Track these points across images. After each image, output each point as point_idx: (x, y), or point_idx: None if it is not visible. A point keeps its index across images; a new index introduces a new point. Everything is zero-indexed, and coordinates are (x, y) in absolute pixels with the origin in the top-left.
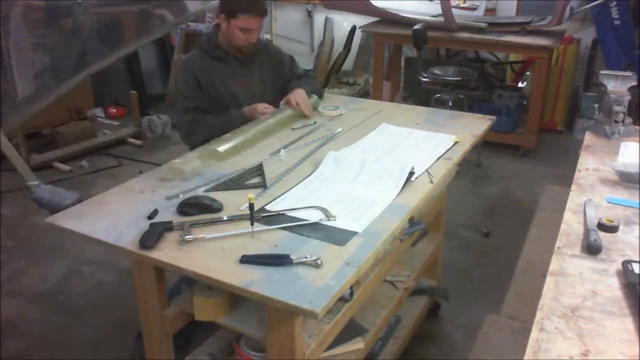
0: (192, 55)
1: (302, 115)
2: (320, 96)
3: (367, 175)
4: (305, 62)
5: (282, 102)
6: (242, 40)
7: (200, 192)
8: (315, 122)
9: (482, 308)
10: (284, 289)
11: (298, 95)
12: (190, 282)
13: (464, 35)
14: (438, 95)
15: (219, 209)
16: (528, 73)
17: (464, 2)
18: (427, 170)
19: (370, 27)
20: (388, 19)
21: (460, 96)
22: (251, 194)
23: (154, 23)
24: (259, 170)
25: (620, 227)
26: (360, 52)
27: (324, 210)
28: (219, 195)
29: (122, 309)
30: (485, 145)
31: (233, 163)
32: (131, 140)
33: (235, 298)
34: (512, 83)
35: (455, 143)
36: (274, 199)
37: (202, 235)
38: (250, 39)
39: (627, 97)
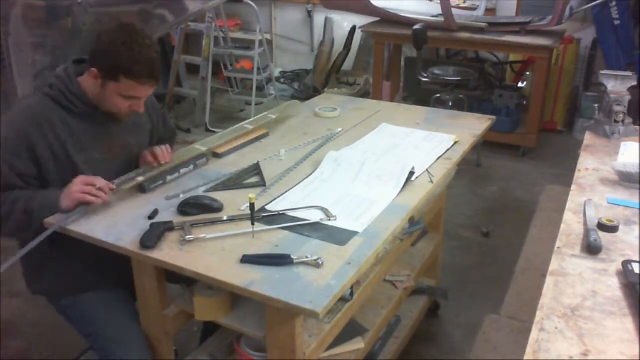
0: (36, 106)
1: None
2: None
3: (367, 175)
4: (305, 62)
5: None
6: (121, 107)
7: (200, 192)
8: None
9: (482, 308)
10: (285, 288)
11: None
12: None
13: (464, 35)
14: (438, 95)
15: (219, 209)
16: (528, 73)
17: (464, 2)
18: (427, 170)
19: (370, 27)
20: (388, 19)
21: (460, 96)
22: (252, 194)
23: (154, 23)
24: (257, 169)
25: (620, 227)
26: (360, 52)
27: (325, 210)
28: (219, 195)
29: None
30: (485, 145)
31: (231, 163)
32: None
33: (236, 298)
34: (512, 83)
35: (455, 143)
36: (275, 199)
37: (202, 235)
38: (135, 107)
39: (627, 97)
